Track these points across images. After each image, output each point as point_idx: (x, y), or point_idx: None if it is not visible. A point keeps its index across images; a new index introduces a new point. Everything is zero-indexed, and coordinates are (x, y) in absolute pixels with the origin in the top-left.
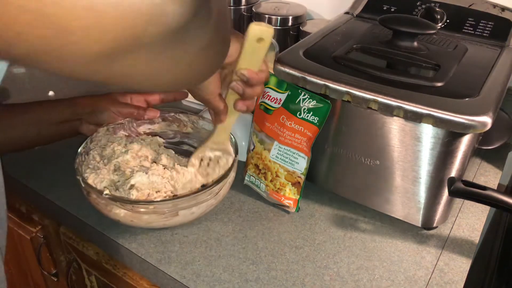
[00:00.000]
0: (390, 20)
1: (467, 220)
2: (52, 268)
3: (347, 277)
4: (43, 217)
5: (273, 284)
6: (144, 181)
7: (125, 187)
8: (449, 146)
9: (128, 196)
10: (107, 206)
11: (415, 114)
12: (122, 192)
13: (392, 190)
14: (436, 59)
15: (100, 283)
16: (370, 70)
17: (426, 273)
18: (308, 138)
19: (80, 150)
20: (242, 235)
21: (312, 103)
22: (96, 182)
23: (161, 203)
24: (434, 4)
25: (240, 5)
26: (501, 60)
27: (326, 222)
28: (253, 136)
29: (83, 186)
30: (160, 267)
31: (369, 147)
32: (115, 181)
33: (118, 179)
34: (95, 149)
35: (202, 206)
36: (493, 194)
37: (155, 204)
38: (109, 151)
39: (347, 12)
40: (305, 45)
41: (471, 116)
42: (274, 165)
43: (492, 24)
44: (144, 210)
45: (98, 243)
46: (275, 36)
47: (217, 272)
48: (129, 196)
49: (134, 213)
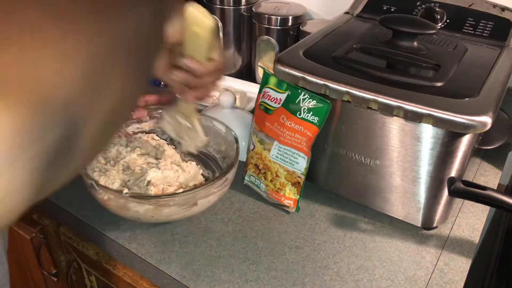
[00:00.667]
0: (390, 20)
1: (467, 220)
2: (52, 268)
3: (347, 277)
4: (43, 217)
5: (273, 284)
6: (159, 176)
7: (141, 184)
8: (449, 146)
9: (147, 192)
10: (126, 205)
11: (415, 114)
12: (139, 189)
13: (392, 190)
14: (436, 59)
15: (100, 283)
16: (370, 70)
17: (426, 273)
18: (308, 138)
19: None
20: (242, 235)
21: (312, 103)
22: (108, 183)
23: (182, 195)
24: (434, 4)
25: (240, 5)
26: (501, 60)
27: (326, 222)
28: (253, 136)
29: (97, 190)
30: (160, 267)
31: (369, 147)
32: (125, 180)
33: (129, 178)
34: None
35: (217, 194)
36: (493, 194)
37: (178, 196)
38: (114, 153)
39: (347, 12)
40: (305, 45)
41: (471, 116)
42: (274, 165)
43: (492, 24)
44: (167, 203)
45: (98, 243)
46: (275, 36)
47: (217, 272)
48: (147, 192)
49: (155, 208)
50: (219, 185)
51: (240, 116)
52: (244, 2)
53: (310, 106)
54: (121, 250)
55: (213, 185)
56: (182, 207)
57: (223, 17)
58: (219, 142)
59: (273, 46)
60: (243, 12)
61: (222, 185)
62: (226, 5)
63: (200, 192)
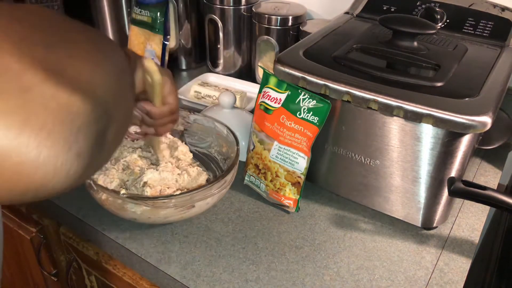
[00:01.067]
0: (390, 20)
1: (467, 220)
2: (52, 268)
3: (347, 277)
4: (43, 217)
5: (273, 284)
6: (156, 178)
7: (138, 185)
8: (449, 146)
9: (143, 194)
10: (123, 205)
11: (415, 114)
12: (135, 190)
13: (392, 190)
14: (436, 59)
15: (100, 283)
16: (370, 70)
17: (426, 273)
18: (308, 138)
19: None
20: (242, 235)
21: (312, 103)
22: (106, 182)
23: (179, 197)
24: (434, 4)
25: (240, 5)
26: (501, 60)
27: (326, 222)
28: (253, 136)
29: (95, 189)
30: (160, 267)
31: (369, 147)
32: (124, 180)
33: (127, 178)
34: None
35: (215, 196)
36: (493, 194)
37: (175, 198)
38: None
39: (347, 12)
40: (305, 45)
41: (471, 116)
42: (274, 165)
43: (492, 24)
44: (164, 205)
45: (98, 243)
46: (275, 36)
47: (217, 272)
48: (143, 194)
49: (152, 209)
50: (217, 188)
51: (240, 116)
52: (244, 2)
53: (310, 106)
54: (121, 250)
55: (211, 187)
56: (180, 209)
57: (223, 17)
58: (220, 143)
59: (273, 46)
60: (243, 12)
61: (220, 187)
62: (226, 5)
63: (198, 194)
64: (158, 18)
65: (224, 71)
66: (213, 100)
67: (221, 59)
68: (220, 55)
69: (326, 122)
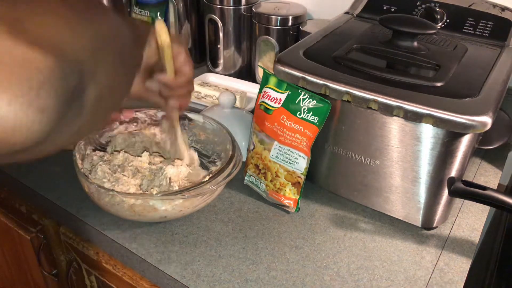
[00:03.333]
0: (390, 20)
1: (467, 220)
2: (52, 268)
3: (347, 277)
4: (43, 217)
5: (273, 284)
6: (176, 173)
7: (163, 182)
8: (449, 146)
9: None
10: (155, 206)
11: (415, 114)
12: (159, 188)
13: (392, 190)
14: (436, 59)
15: (100, 283)
16: (370, 70)
17: (426, 273)
18: (308, 138)
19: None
20: (242, 235)
21: (312, 103)
22: (124, 190)
23: (209, 183)
24: (434, 4)
25: (240, 5)
26: (501, 60)
27: (326, 222)
28: (253, 136)
29: (124, 200)
30: (160, 267)
31: (369, 147)
32: (138, 184)
33: (140, 182)
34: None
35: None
36: (493, 194)
37: (208, 183)
38: (120, 159)
39: (347, 12)
40: (305, 45)
41: (471, 116)
42: (274, 165)
43: (492, 24)
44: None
45: (98, 243)
46: (275, 36)
47: (217, 272)
48: (171, 189)
49: (184, 202)
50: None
51: (240, 116)
52: (244, 2)
53: (310, 106)
54: (121, 250)
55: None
56: (206, 196)
57: (223, 17)
58: (218, 143)
59: (273, 46)
60: (243, 12)
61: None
62: (226, 5)
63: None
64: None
65: (224, 71)
66: (213, 100)
67: (221, 59)
68: (220, 55)
69: (326, 122)
